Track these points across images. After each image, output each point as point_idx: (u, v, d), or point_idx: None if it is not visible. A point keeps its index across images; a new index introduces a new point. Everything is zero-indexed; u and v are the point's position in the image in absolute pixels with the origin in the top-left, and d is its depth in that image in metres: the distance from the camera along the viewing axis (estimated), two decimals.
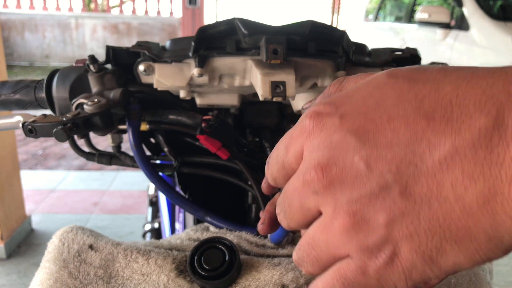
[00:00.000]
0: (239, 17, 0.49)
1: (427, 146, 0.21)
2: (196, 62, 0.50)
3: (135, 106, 0.54)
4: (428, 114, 0.21)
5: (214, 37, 0.51)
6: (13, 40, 7.99)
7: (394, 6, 5.63)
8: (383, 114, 0.23)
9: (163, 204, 1.27)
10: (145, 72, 0.53)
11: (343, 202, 0.23)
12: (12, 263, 2.14)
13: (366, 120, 0.23)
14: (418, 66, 0.25)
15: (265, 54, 0.46)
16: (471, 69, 0.23)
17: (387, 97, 0.23)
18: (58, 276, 0.46)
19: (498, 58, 3.13)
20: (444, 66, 0.24)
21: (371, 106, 0.23)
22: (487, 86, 0.21)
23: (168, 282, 0.46)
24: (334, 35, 0.51)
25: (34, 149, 3.83)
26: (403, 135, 0.22)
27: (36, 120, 0.48)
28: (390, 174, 0.21)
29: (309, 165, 0.24)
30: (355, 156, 0.22)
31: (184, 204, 0.56)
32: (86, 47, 8.24)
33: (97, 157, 0.60)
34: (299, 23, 0.50)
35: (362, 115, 0.23)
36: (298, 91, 0.56)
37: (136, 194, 2.91)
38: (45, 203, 2.76)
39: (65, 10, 8.18)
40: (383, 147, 0.22)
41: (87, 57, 0.54)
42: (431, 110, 0.21)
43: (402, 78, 0.24)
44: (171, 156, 0.58)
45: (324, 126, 0.24)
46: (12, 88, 0.60)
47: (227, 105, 0.58)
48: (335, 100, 0.25)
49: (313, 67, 0.52)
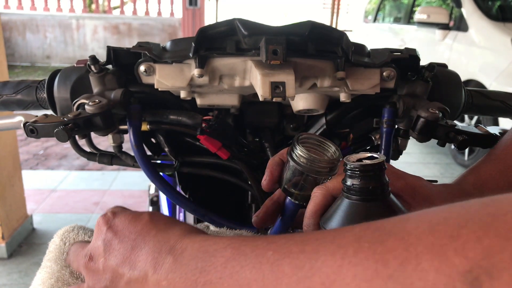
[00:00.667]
0: (239, 17, 0.49)
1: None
2: (196, 63, 0.50)
3: (136, 106, 0.54)
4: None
5: (214, 37, 0.51)
6: (14, 40, 8.00)
7: (393, 7, 5.63)
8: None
9: (164, 204, 1.27)
10: (145, 72, 0.53)
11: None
12: (13, 263, 2.15)
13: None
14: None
15: (265, 54, 0.46)
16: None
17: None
18: (60, 275, 0.46)
19: (496, 58, 3.13)
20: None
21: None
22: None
23: None
24: (333, 36, 0.51)
25: (35, 149, 3.83)
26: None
27: (38, 120, 0.49)
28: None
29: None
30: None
31: (184, 203, 0.56)
32: (87, 48, 8.24)
33: (98, 157, 0.61)
34: (298, 24, 0.50)
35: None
36: (298, 91, 0.56)
37: (136, 194, 2.91)
38: (46, 203, 2.76)
39: (66, 11, 8.18)
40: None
41: (88, 58, 0.54)
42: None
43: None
44: (172, 156, 0.58)
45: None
46: (14, 89, 0.61)
47: (227, 105, 0.59)
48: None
49: (313, 68, 0.52)
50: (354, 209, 0.36)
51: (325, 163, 0.41)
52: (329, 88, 0.55)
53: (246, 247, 0.29)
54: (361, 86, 0.54)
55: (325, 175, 0.41)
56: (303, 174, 0.41)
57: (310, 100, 0.57)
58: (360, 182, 0.35)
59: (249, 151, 0.59)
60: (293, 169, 0.42)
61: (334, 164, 0.41)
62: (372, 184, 0.35)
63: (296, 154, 0.41)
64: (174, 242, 0.33)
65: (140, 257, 0.34)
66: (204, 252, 0.31)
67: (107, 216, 0.40)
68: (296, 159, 0.41)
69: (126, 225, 0.38)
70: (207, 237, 0.33)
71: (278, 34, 0.48)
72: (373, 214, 0.35)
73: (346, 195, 0.36)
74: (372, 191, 0.35)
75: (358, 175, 0.35)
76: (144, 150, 0.56)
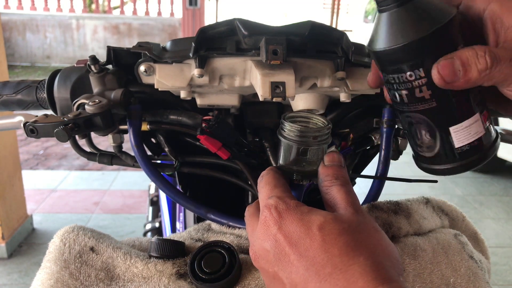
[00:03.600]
0: (239, 17, 0.49)
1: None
2: (196, 63, 0.50)
3: (136, 107, 0.54)
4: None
5: (215, 37, 0.51)
6: (14, 40, 8.00)
7: None
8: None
9: (164, 204, 1.28)
10: (145, 72, 0.53)
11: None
12: (13, 263, 2.15)
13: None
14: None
15: (265, 54, 0.46)
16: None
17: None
18: (59, 276, 0.46)
19: None
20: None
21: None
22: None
23: (169, 283, 0.46)
24: (333, 36, 0.51)
25: (35, 149, 3.83)
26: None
27: (38, 120, 0.49)
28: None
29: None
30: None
31: (186, 202, 0.56)
32: (87, 48, 8.25)
33: (98, 157, 0.61)
34: (298, 24, 0.50)
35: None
36: (298, 91, 0.56)
37: (136, 193, 2.91)
38: (46, 203, 2.76)
39: (66, 11, 8.18)
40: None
41: (88, 58, 0.54)
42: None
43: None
44: (172, 156, 0.58)
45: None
46: (14, 89, 0.61)
47: (227, 105, 0.59)
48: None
49: (313, 68, 0.52)
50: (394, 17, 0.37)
51: (314, 131, 0.42)
52: (329, 88, 0.55)
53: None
54: (361, 86, 0.54)
55: (318, 143, 0.42)
56: (298, 148, 0.43)
57: (310, 100, 0.57)
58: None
59: (249, 151, 0.59)
60: (286, 147, 0.43)
61: (323, 131, 0.42)
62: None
63: (285, 130, 0.42)
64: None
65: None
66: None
67: (273, 215, 0.37)
68: (287, 134, 0.42)
69: (299, 234, 0.35)
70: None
71: (278, 34, 0.48)
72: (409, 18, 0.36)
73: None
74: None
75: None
76: (144, 150, 0.56)
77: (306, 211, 0.37)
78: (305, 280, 0.33)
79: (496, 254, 2.44)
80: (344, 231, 0.34)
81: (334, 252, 0.33)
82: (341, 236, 0.34)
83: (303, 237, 0.34)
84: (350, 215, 0.36)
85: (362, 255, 0.32)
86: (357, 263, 0.32)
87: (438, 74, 0.35)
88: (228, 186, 0.63)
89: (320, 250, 0.33)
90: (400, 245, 0.50)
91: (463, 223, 0.60)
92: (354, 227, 0.35)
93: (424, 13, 0.36)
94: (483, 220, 2.85)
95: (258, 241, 0.38)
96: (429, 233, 0.54)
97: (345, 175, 0.41)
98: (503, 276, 2.25)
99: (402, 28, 0.36)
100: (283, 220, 0.36)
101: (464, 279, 0.49)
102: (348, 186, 0.40)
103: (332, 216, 0.36)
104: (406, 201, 0.56)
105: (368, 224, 0.36)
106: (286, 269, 0.35)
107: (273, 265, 0.36)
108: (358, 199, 0.39)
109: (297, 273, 0.34)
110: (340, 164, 0.42)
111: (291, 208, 0.37)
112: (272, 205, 0.38)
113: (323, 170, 0.41)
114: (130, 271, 0.47)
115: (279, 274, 0.35)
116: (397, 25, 0.36)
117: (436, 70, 0.35)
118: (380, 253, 0.34)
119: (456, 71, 0.34)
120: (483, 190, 3.33)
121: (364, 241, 0.34)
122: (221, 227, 0.55)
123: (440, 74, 0.35)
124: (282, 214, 0.37)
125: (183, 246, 0.50)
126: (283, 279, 0.35)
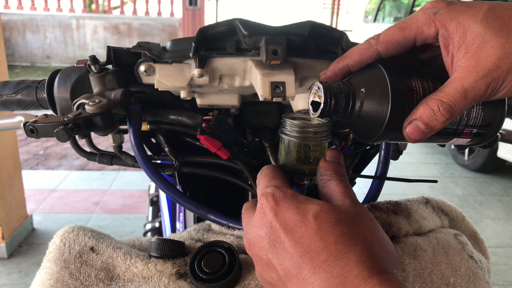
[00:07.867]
0: (239, 17, 0.49)
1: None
2: (196, 63, 0.50)
3: (136, 106, 0.54)
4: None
5: (215, 37, 0.51)
6: (14, 40, 8.01)
7: (393, 7, 5.63)
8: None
9: (164, 204, 1.28)
10: (145, 72, 0.53)
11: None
12: (13, 263, 2.15)
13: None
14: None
15: (265, 54, 0.46)
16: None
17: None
18: (59, 276, 0.46)
19: None
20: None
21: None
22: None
23: (169, 283, 0.46)
24: (333, 36, 0.51)
25: (35, 149, 3.84)
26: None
27: (38, 120, 0.49)
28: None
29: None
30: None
31: (186, 202, 0.56)
32: (87, 48, 8.25)
33: (98, 157, 0.61)
34: (298, 24, 0.50)
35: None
36: (298, 91, 0.56)
37: (136, 193, 2.91)
38: (46, 203, 2.76)
39: (66, 11, 8.19)
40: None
41: (88, 58, 0.54)
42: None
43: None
44: (172, 156, 0.58)
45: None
46: (14, 89, 0.61)
47: (227, 105, 0.59)
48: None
49: (313, 68, 0.52)
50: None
51: (315, 126, 0.43)
52: None
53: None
54: None
55: (319, 139, 0.43)
56: (298, 144, 0.43)
57: None
58: None
59: (249, 151, 0.59)
60: (287, 144, 0.44)
61: (324, 128, 0.43)
62: None
63: (287, 127, 0.43)
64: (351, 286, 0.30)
65: (309, 284, 0.32)
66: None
67: (270, 202, 0.37)
68: (288, 131, 0.43)
69: (295, 222, 0.35)
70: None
71: (278, 34, 0.48)
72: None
73: None
74: None
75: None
76: (144, 150, 0.56)
77: (303, 200, 0.37)
78: (298, 266, 0.33)
79: (496, 254, 2.44)
80: (340, 220, 0.35)
81: (330, 240, 0.33)
82: (337, 225, 0.34)
83: (298, 224, 0.35)
84: (347, 206, 0.37)
85: (358, 244, 0.33)
86: (353, 251, 0.32)
87: (409, 137, 0.38)
88: (228, 186, 0.63)
89: (316, 237, 0.33)
90: (400, 245, 0.50)
91: (463, 223, 0.60)
92: (350, 217, 0.35)
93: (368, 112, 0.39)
94: (483, 220, 2.85)
95: (253, 229, 0.38)
96: (429, 233, 0.54)
97: (344, 173, 0.42)
98: (503, 276, 2.25)
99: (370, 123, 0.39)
100: (280, 208, 0.37)
101: (464, 279, 0.49)
102: (346, 181, 0.41)
103: (329, 205, 0.36)
104: (405, 201, 0.56)
105: (365, 215, 0.36)
106: (280, 256, 0.35)
107: (266, 252, 0.36)
108: (355, 194, 0.40)
109: (291, 260, 0.34)
110: (341, 161, 0.42)
111: (288, 196, 0.38)
112: (269, 193, 0.38)
113: (324, 164, 0.42)
114: (130, 271, 0.47)
115: (272, 261, 0.35)
116: (365, 122, 0.39)
117: (406, 134, 0.38)
118: (376, 244, 0.34)
119: (423, 130, 0.37)
120: (483, 190, 3.33)
121: (361, 231, 0.34)
122: (221, 227, 0.55)
123: (410, 137, 0.38)
124: (278, 202, 0.37)
125: (183, 246, 0.50)
126: (276, 266, 0.35)
